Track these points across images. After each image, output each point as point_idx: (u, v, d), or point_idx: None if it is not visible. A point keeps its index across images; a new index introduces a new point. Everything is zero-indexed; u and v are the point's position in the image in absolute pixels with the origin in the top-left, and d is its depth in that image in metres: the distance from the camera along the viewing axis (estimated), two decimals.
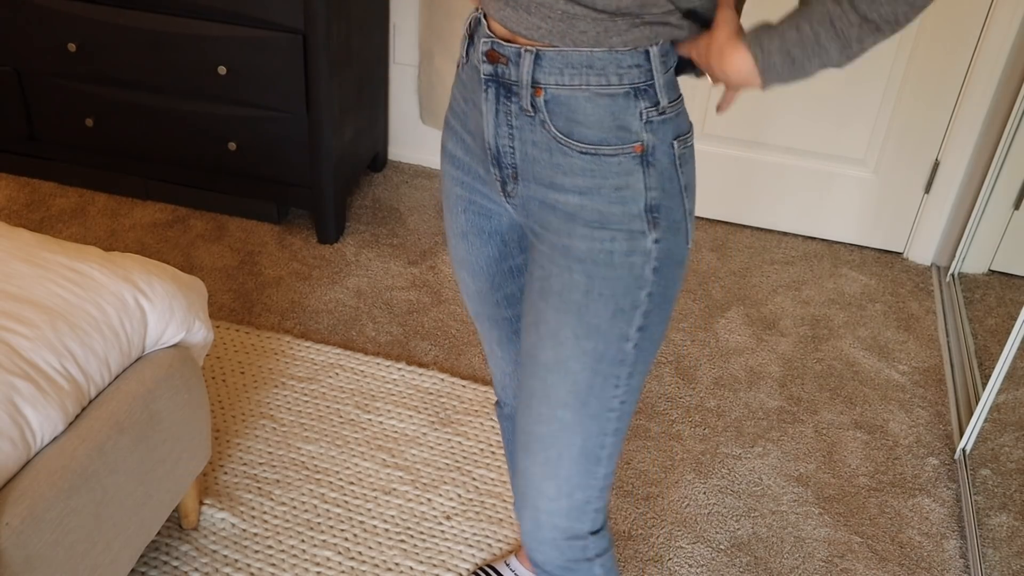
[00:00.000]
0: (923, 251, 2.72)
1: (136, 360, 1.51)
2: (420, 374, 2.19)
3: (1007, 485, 1.85)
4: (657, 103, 1.03)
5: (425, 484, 1.93)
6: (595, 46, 0.99)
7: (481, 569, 1.75)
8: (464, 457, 1.99)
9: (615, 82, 1.01)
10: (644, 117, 1.03)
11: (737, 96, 1.06)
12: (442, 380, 2.18)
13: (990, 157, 2.53)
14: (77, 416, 1.38)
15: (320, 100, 2.41)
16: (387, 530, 1.83)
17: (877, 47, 2.50)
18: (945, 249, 2.71)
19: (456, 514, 1.87)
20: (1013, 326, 1.91)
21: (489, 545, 1.82)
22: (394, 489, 1.91)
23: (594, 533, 1.22)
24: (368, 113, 2.74)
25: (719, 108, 1.11)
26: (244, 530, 1.81)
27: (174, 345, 1.58)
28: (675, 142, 1.06)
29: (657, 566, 1.81)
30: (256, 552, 1.77)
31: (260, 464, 1.94)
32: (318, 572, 1.74)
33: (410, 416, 2.08)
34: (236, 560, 1.75)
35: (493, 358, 1.41)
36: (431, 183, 2.95)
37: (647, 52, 1.00)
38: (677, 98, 1.06)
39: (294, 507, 1.86)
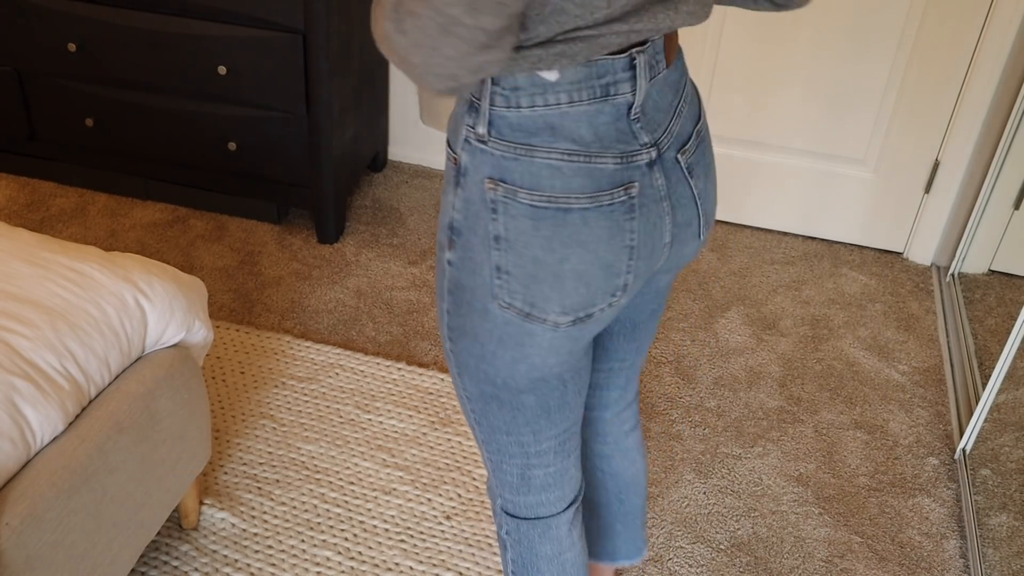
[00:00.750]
0: (923, 251, 2.72)
1: (136, 360, 1.51)
2: (420, 374, 2.19)
3: (1007, 485, 1.85)
4: (475, 126, 0.96)
5: (425, 484, 1.93)
6: None
7: None
8: (464, 457, 1.99)
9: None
10: (464, 134, 0.97)
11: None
12: (442, 380, 2.17)
13: (990, 157, 2.53)
14: (77, 416, 1.39)
15: (320, 100, 2.41)
16: (387, 530, 1.83)
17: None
18: (945, 249, 2.70)
19: (456, 514, 1.87)
20: (1013, 326, 1.91)
21: (489, 545, 1.82)
22: (394, 489, 1.91)
23: (503, 510, 1.26)
24: (368, 113, 2.74)
25: None
26: (244, 530, 1.81)
27: (174, 345, 1.58)
28: (488, 181, 0.95)
29: (657, 566, 1.81)
30: (256, 552, 1.77)
31: (260, 464, 1.94)
32: (318, 572, 1.74)
33: (410, 416, 2.08)
34: (236, 560, 1.75)
35: None
36: (431, 183, 2.95)
37: None
38: (518, 143, 0.93)
39: (294, 507, 1.86)
